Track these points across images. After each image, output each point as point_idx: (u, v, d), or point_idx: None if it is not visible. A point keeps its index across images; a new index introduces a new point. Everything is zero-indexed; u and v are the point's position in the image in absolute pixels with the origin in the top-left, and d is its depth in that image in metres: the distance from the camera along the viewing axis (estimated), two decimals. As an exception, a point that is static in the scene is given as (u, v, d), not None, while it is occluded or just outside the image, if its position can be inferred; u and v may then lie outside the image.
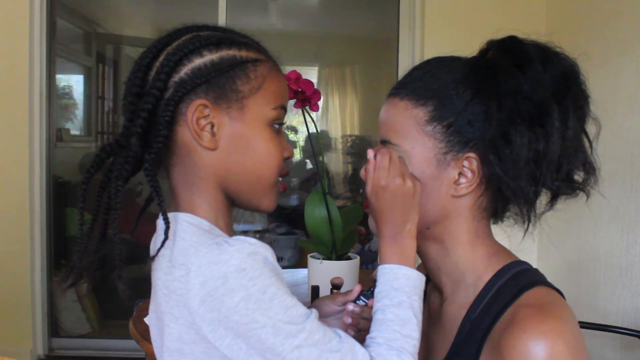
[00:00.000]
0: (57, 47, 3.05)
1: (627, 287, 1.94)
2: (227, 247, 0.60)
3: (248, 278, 0.59)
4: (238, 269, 0.59)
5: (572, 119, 0.65)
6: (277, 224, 3.88)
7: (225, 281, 0.58)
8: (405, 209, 0.67)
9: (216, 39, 0.67)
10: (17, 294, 2.73)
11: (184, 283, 0.61)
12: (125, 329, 1.53)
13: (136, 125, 0.64)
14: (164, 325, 0.65)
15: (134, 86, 0.66)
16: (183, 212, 0.67)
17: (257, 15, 3.79)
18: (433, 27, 2.73)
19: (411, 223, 0.68)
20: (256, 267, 0.59)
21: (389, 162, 0.67)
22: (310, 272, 1.61)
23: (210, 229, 0.66)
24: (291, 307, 0.60)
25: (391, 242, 0.68)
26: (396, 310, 0.65)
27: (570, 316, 0.63)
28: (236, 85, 0.66)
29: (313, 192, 1.62)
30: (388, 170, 0.67)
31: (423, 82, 0.70)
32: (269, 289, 0.59)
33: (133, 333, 1.47)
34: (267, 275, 0.60)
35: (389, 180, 0.67)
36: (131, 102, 0.65)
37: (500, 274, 0.69)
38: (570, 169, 0.68)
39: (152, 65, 0.66)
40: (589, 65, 0.71)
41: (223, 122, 0.66)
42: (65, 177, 3.17)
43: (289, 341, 0.59)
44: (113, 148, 0.66)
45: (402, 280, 0.67)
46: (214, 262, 0.59)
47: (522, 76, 0.65)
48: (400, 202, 0.67)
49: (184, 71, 0.65)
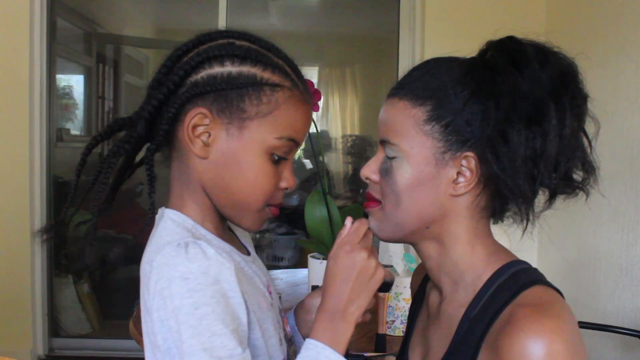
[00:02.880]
0: (57, 47, 3.05)
1: (627, 287, 1.94)
2: (182, 251, 0.60)
3: (187, 289, 0.58)
4: (182, 277, 0.58)
5: (570, 118, 0.65)
6: (277, 224, 3.88)
7: (169, 284, 0.58)
8: (357, 288, 0.66)
9: (245, 52, 0.66)
10: (17, 294, 2.73)
11: (149, 279, 0.61)
12: (125, 329, 1.53)
13: (146, 110, 0.65)
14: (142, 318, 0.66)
15: (159, 73, 0.67)
16: (170, 209, 0.68)
17: (257, 15, 3.79)
18: (433, 27, 2.73)
19: (356, 307, 0.66)
20: (200, 282, 0.58)
21: (364, 234, 0.67)
22: (310, 272, 1.61)
23: (193, 227, 0.67)
24: (218, 335, 0.58)
25: (328, 319, 0.66)
26: None
27: (569, 315, 0.63)
28: (244, 104, 0.65)
29: (313, 192, 1.62)
30: (359, 239, 0.66)
31: (422, 82, 0.70)
32: (202, 307, 0.58)
33: (133, 333, 1.47)
34: (208, 294, 0.58)
35: (355, 247, 0.66)
36: (151, 87, 0.67)
37: (499, 273, 0.69)
38: (568, 167, 0.68)
39: (182, 59, 0.67)
40: (588, 65, 0.71)
41: (219, 136, 0.66)
42: (65, 177, 3.17)
43: None
44: (125, 123, 0.67)
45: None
46: (168, 263, 0.60)
47: (519, 75, 0.65)
48: (355, 277, 0.66)
49: (201, 75, 0.65)
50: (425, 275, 0.84)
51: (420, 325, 0.82)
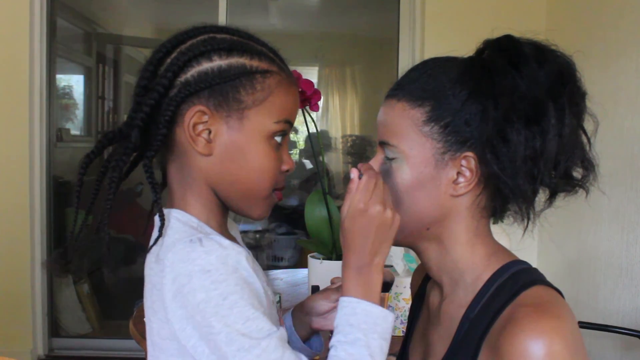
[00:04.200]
0: (57, 47, 3.05)
1: (627, 287, 1.94)
2: (197, 246, 0.60)
3: (210, 281, 0.58)
4: (202, 270, 0.58)
5: (569, 116, 0.65)
6: (277, 224, 3.88)
7: (189, 279, 0.58)
8: (378, 239, 0.65)
9: (229, 44, 0.66)
10: (17, 294, 2.74)
11: (161, 278, 0.61)
12: (125, 329, 1.53)
13: (138, 118, 0.64)
14: (147, 320, 0.65)
15: (142, 79, 0.66)
16: (175, 209, 0.68)
17: (257, 15, 3.79)
18: (433, 27, 2.73)
19: (381, 256, 0.66)
20: (222, 272, 0.59)
21: (374, 187, 0.65)
22: (310, 272, 1.61)
23: (199, 226, 0.67)
24: (252, 319, 0.58)
25: (356, 273, 0.65)
26: (349, 349, 0.61)
27: (569, 315, 0.62)
28: (240, 95, 0.65)
29: (313, 192, 1.62)
30: (371, 194, 0.65)
31: (420, 83, 0.70)
32: (230, 296, 0.58)
33: (133, 333, 1.47)
34: (232, 282, 0.59)
35: (369, 204, 0.65)
36: (137, 94, 0.65)
37: (499, 273, 0.69)
38: (568, 165, 0.68)
39: (164, 60, 0.66)
40: (588, 65, 0.71)
41: (220, 130, 0.65)
42: (65, 177, 3.17)
43: (240, 354, 0.57)
44: (115, 136, 0.66)
45: (359, 317, 0.63)
46: (184, 259, 0.60)
47: (517, 74, 0.65)
48: (375, 231, 0.65)
49: (191, 73, 0.65)
50: (426, 275, 0.84)
51: (421, 325, 0.82)
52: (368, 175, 0.66)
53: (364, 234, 0.65)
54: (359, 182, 0.66)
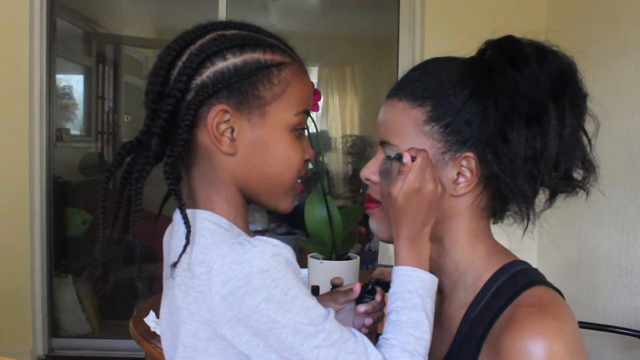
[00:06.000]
0: (57, 47, 3.05)
1: (627, 287, 1.94)
2: (250, 247, 0.60)
3: (271, 279, 0.59)
4: (261, 270, 0.59)
5: (569, 117, 0.65)
6: (277, 224, 3.88)
7: (248, 281, 0.59)
8: (429, 212, 0.67)
9: (241, 41, 0.65)
10: (17, 294, 2.73)
11: (205, 281, 0.61)
12: (125, 329, 1.53)
13: (156, 126, 0.63)
14: (179, 321, 0.65)
15: (155, 84, 0.64)
16: (202, 210, 0.67)
17: (257, 15, 3.78)
18: (433, 27, 2.73)
19: (429, 226, 0.68)
20: (279, 269, 0.60)
21: (426, 167, 0.66)
22: (310, 272, 1.61)
23: (230, 227, 0.66)
24: (311, 308, 0.61)
25: (409, 243, 0.68)
26: (410, 313, 0.65)
27: (569, 316, 0.63)
28: (258, 91, 0.65)
29: (313, 192, 1.62)
30: (424, 174, 0.66)
31: (420, 82, 0.70)
32: (291, 291, 0.60)
33: (133, 333, 1.47)
34: (290, 277, 0.60)
35: (424, 184, 0.66)
36: (152, 101, 0.64)
37: (499, 273, 0.69)
38: (568, 166, 0.68)
39: (175, 63, 0.65)
40: (588, 65, 0.71)
41: (243, 128, 0.65)
42: (65, 177, 3.17)
43: (308, 341, 0.60)
44: (134, 146, 0.65)
45: (416, 283, 0.66)
46: (237, 261, 0.60)
47: (518, 75, 0.65)
48: (427, 207, 0.67)
49: (206, 74, 0.64)
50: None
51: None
52: (422, 157, 0.66)
53: (416, 209, 0.67)
54: (413, 164, 0.67)
